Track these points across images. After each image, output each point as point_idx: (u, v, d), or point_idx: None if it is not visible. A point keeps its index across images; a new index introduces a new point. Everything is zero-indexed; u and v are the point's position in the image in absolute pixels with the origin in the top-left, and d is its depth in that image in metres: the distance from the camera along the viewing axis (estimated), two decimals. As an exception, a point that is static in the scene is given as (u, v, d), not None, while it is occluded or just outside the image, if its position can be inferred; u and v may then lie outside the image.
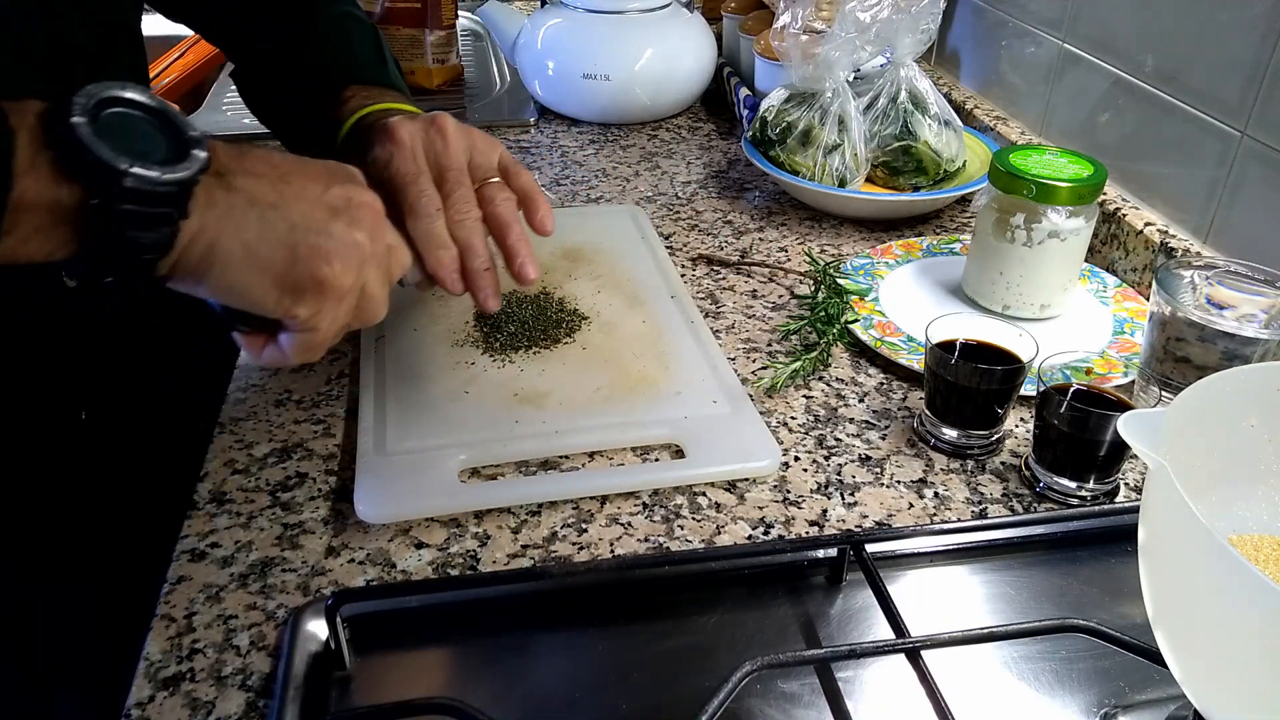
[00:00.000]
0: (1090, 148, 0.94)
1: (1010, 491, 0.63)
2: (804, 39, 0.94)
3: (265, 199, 0.46)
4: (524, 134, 1.19)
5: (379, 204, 0.52)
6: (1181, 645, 0.43)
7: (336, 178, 0.50)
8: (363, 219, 0.50)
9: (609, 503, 0.61)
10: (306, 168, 0.50)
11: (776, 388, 0.72)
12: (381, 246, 0.51)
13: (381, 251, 0.51)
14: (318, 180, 0.49)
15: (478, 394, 0.68)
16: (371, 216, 0.50)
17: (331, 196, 0.49)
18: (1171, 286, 0.64)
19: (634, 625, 0.53)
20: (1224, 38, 0.77)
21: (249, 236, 0.46)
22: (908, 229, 0.97)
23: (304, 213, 0.47)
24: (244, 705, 0.48)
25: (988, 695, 0.50)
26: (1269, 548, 0.49)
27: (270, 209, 0.46)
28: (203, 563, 0.56)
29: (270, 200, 0.46)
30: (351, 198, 0.50)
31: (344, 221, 0.49)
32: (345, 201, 0.49)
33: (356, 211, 0.50)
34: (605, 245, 0.88)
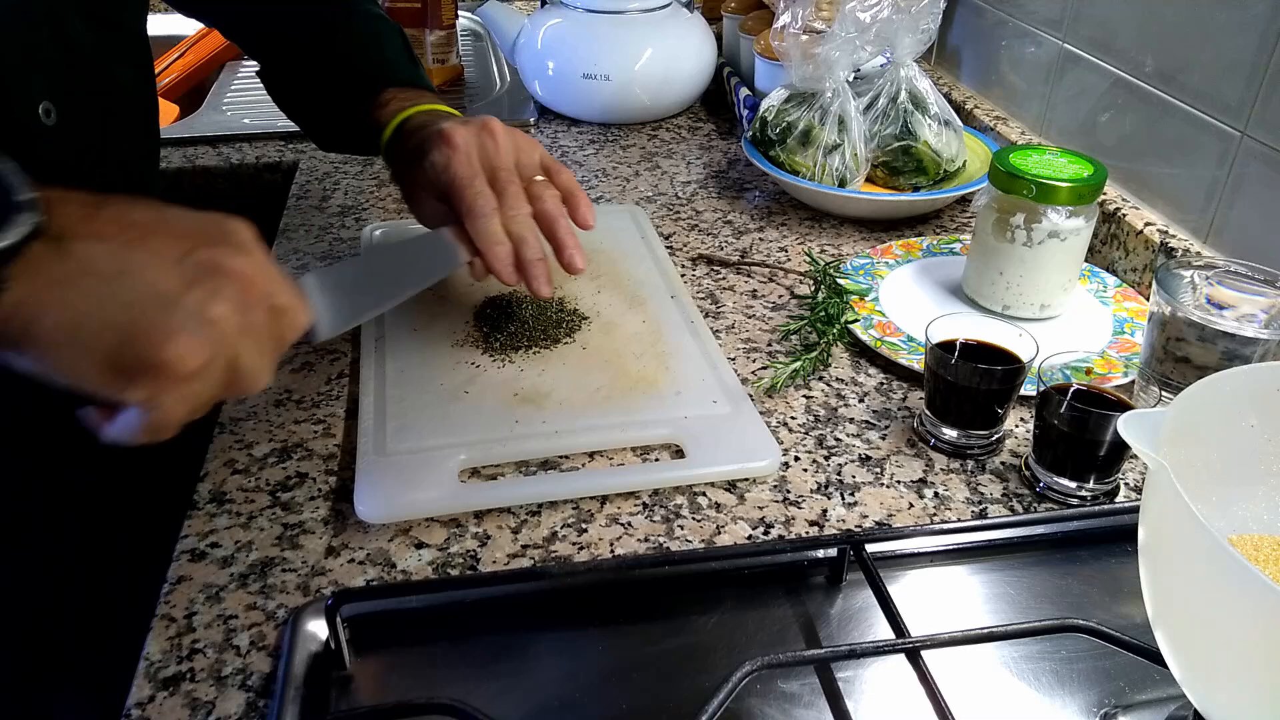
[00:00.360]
0: (1090, 148, 0.94)
1: (1010, 491, 0.63)
2: (804, 39, 0.94)
3: (105, 269, 0.41)
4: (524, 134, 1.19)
5: (255, 267, 0.45)
6: (1181, 645, 0.43)
7: (205, 239, 0.44)
8: (226, 289, 0.44)
9: (609, 503, 0.61)
10: (169, 227, 0.44)
11: (776, 388, 0.72)
12: (257, 316, 0.45)
13: (257, 321, 0.45)
14: (179, 242, 0.44)
15: (478, 394, 0.68)
16: (239, 285, 0.44)
17: (192, 263, 0.43)
18: (1171, 286, 0.64)
19: (634, 625, 0.53)
20: (1224, 38, 0.77)
21: (76, 313, 0.41)
22: (908, 229, 0.97)
23: (150, 284, 0.42)
24: (244, 705, 0.48)
25: (988, 695, 0.50)
26: (1269, 548, 0.49)
27: (109, 281, 0.41)
28: (203, 563, 0.56)
29: (110, 270, 0.41)
30: (219, 264, 0.44)
31: (202, 293, 0.43)
32: (209, 269, 0.43)
33: (220, 281, 0.43)
34: (605, 245, 0.88)
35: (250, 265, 0.45)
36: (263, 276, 0.46)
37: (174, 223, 0.45)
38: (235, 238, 0.46)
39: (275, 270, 0.47)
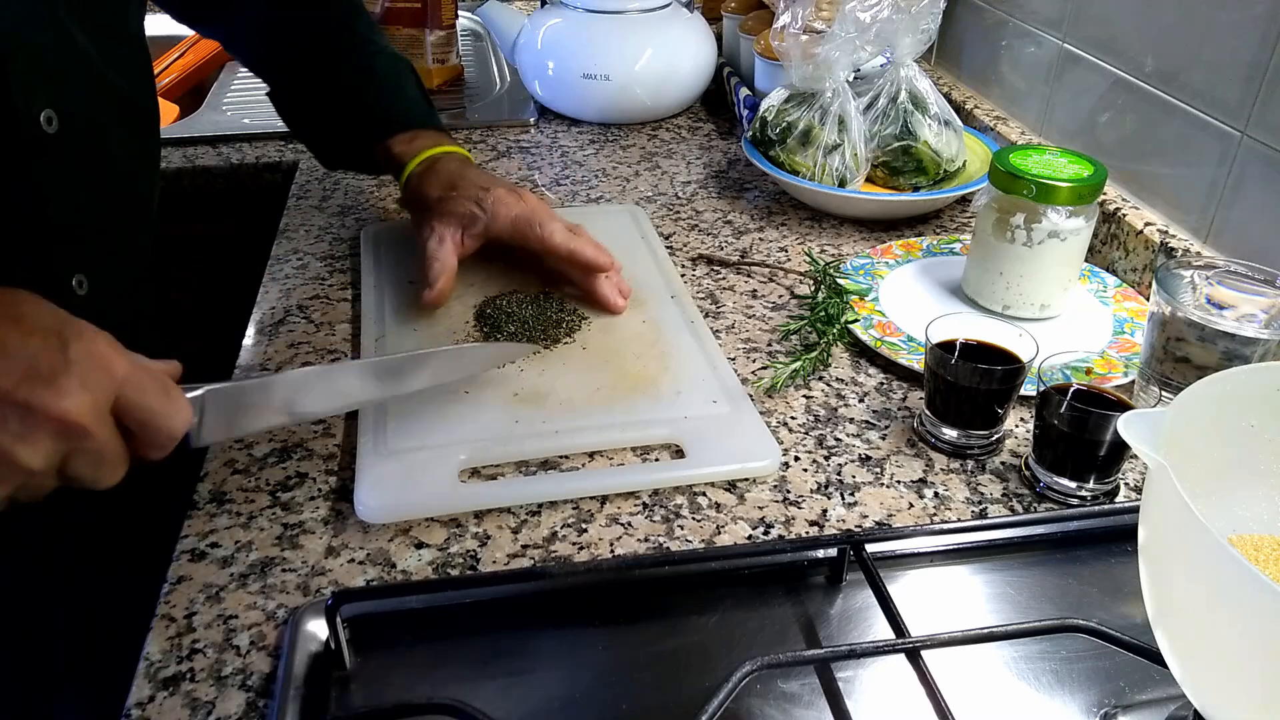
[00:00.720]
0: (1090, 148, 0.94)
1: (1010, 491, 0.63)
2: (804, 39, 0.94)
3: None
4: (524, 134, 1.19)
5: (81, 407, 0.44)
6: (1181, 645, 0.43)
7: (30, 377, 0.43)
8: (39, 432, 0.43)
9: (609, 503, 0.61)
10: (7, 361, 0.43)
11: (776, 388, 0.72)
12: (86, 445, 0.45)
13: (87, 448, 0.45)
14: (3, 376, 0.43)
15: (478, 394, 0.68)
16: (54, 427, 0.44)
17: (9, 403, 0.43)
18: (1171, 286, 0.64)
19: (634, 625, 0.53)
20: (1224, 38, 0.77)
21: None
22: (908, 229, 0.97)
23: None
24: (244, 705, 0.48)
25: (988, 695, 0.50)
26: (1269, 548, 0.49)
27: None
28: (203, 563, 0.56)
29: None
30: (33, 405, 0.43)
31: (10, 436, 0.43)
32: (23, 411, 0.43)
33: (34, 423, 0.43)
34: (605, 245, 0.88)
35: (76, 406, 0.44)
36: (90, 415, 0.44)
37: (8, 355, 0.43)
38: (72, 371, 0.44)
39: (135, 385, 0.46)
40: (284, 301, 0.83)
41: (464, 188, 0.78)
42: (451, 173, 0.80)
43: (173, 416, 0.48)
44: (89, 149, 0.64)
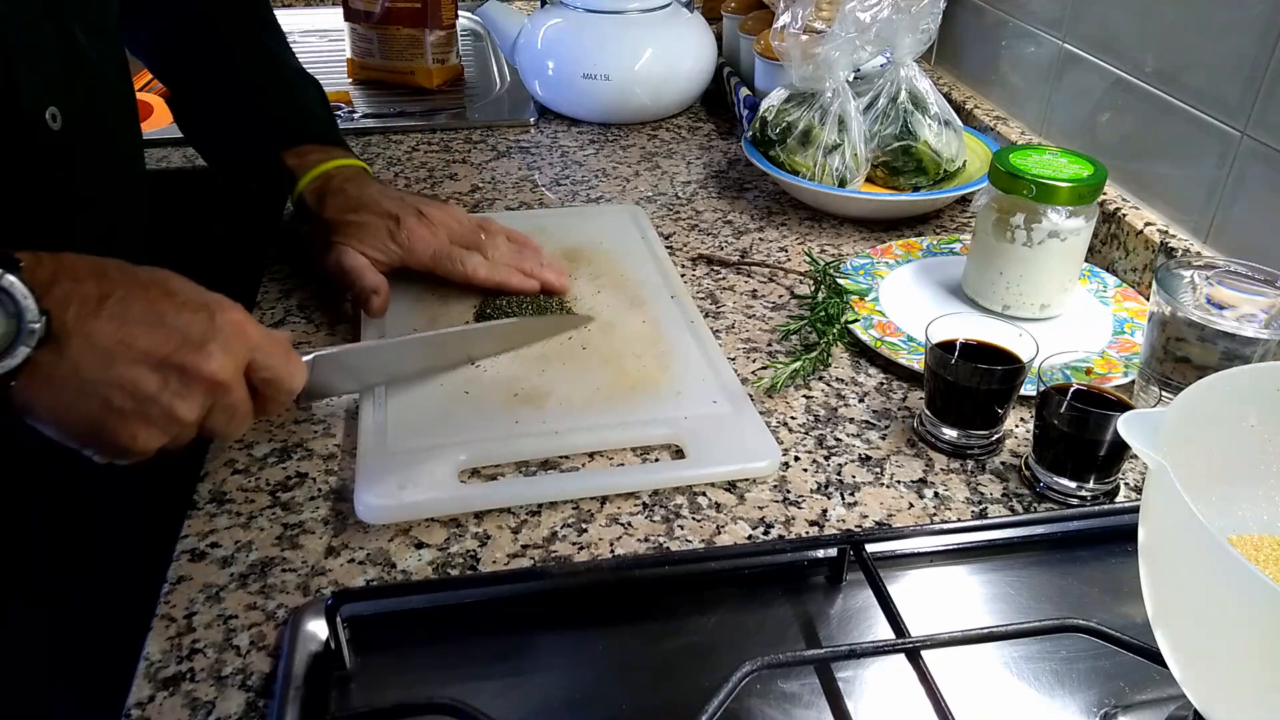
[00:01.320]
0: (1090, 148, 0.94)
1: (1010, 491, 0.63)
2: (804, 39, 0.94)
3: (90, 371, 0.48)
4: (524, 134, 1.19)
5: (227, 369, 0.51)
6: (1181, 645, 0.43)
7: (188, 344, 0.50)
8: (196, 392, 0.51)
9: (609, 503, 0.61)
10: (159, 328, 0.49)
11: (776, 388, 0.72)
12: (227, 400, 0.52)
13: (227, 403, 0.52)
14: (163, 345, 0.49)
15: (478, 394, 0.68)
16: (208, 386, 0.51)
17: (170, 365, 0.49)
18: (1171, 286, 0.64)
19: (634, 625, 0.53)
20: (1224, 38, 0.77)
21: (60, 406, 0.48)
22: (908, 229, 0.97)
23: (129, 383, 0.48)
24: (244, 705, 0.48)
25: (988, 695, 0.50)
26: (1269, 548, 0.49)
27: (92, 382, 0.48)
28: (203, 563, 0.56)
29: (95, 373, 0.48)
30: (193, 369, 0.50)
31: (170, 394, 0.50)
32: (183, 373, 0.50)
33: (191, 384, 0.50)
34: (605, 245, 0.88)
35: (222, 368, 0.51)
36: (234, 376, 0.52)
37: (165, 323, 0.50)
38: (219, 337, 0.51)
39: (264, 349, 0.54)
40: (284, 301, 0.83)
41: (370, 213, 0.76)
42: (349, 193, 0.77)
43: (293, 376, 0.56)
44: (91, 145, 0.65)
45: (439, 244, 0.76)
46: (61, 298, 0.47)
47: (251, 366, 0.53)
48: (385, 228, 0.75)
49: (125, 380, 0.48)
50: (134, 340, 0.48)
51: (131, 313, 0.49)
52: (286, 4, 1.64)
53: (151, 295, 0.50)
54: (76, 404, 0.48)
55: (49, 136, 0.60)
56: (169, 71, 0.88)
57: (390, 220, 0.75)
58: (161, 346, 0.49)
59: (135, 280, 0.50)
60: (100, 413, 0.49)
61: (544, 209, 1.00)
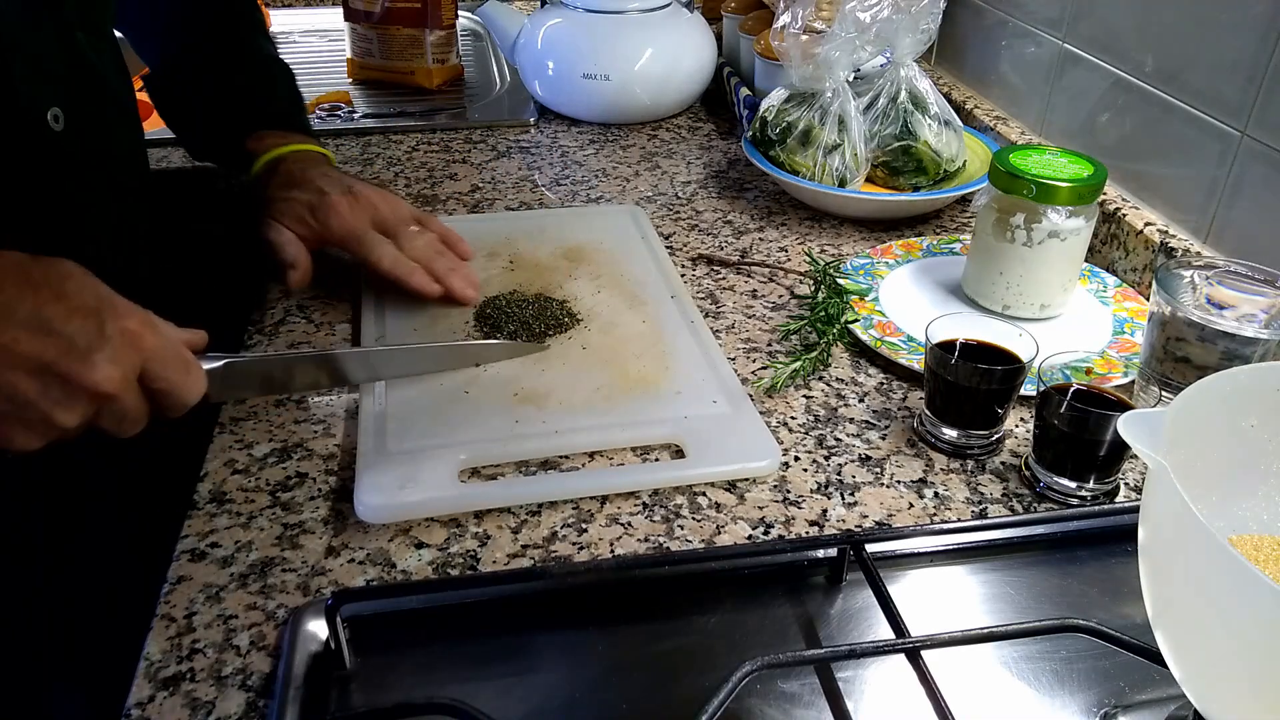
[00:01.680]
0: (1090, 148, 0.94)
1: (1010, 491, 0.63)
2: (804, 39, 0.94)
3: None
4: (524, 134, 1.19)
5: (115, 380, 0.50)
6: (1181, 645, 0.43)
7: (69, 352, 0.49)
8: (75, 400, 0.49)
9: (609, 503, 0.61)
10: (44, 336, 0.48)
11: (776, 388, 0.72)
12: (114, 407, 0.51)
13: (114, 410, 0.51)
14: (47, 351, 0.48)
15: (478, 394, 0.68)
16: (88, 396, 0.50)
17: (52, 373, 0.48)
18: (1171, 286, 0.64)
19: (634, 625, 0.53)
20: (1224, 38, 0.77)
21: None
22: (908, 229, 0.97)
23: (7, 385, 0.48)
24: (244, 705, 0.48)
25: (988, 695, 0.50)
26: (1269, 548, 0.49)
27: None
28: (203, 563, 0.56)
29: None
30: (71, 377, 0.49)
31: (49, 402, 0.49)
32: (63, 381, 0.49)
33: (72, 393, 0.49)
34: (605, 245, 0.88)
35: (107, 378, 0.49)
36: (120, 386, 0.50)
37: (53, 330, 0.48)
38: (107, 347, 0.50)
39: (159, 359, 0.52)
40: (284, 301, 0.83)
41: (301, 190, 0.75)
42: (293, 173, 0.77)
43: (188, 388, 0.55)
44: (93, 146, 0.65)
45: (355, 224, 0.74)
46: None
47: (144, 376, 0.52)
48: (308, 202, 0.74)
49: (3, 384, 0.48)
50: (15, 345, 0.47)
51: (17, 315, 0.48)
52: (286, 4, 1.64)
53: (42, 297, 0.49)
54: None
55: (51, 137, 0.61)
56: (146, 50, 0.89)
57: (317, 195, 0.75)
58: (44, 353, 0.48)
59: (28, 280, 0.49)
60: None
61: (544, 209, 1.00)
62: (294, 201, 0.75)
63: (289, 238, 0.74)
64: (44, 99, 0.60)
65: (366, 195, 0.76)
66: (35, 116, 0.60)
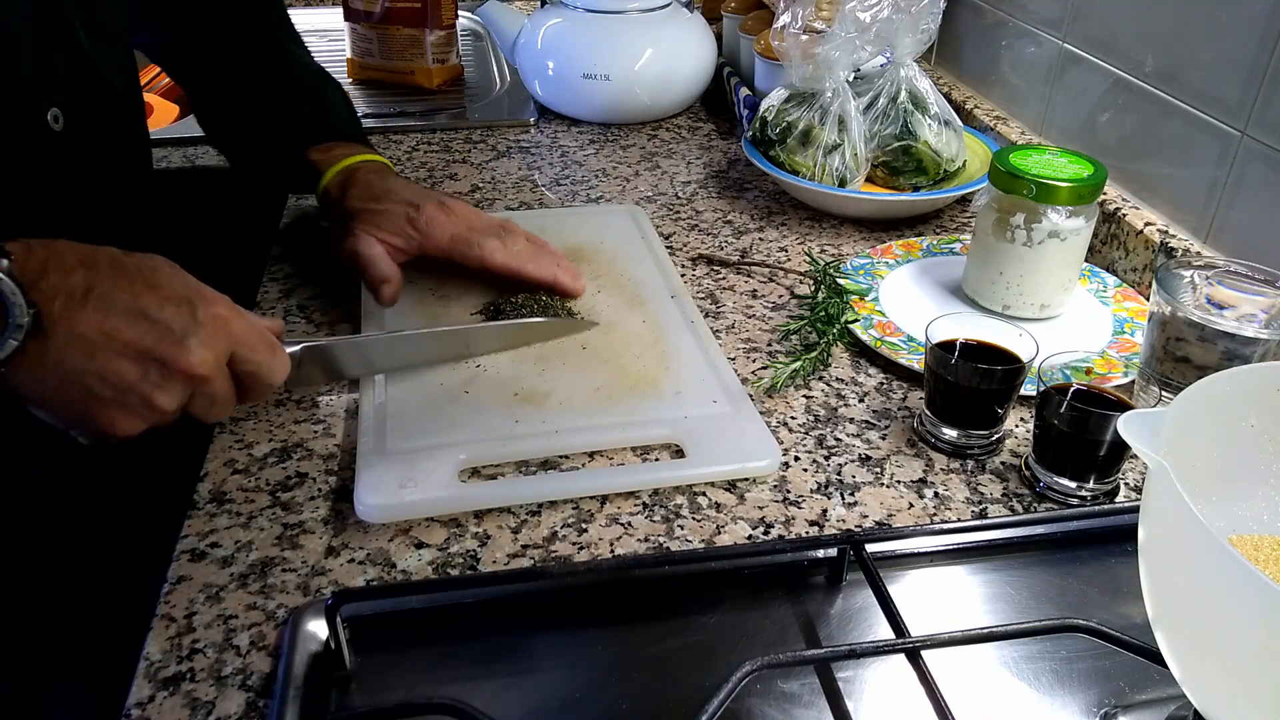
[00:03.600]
0: (1090, 148, 0.94)
1: (1010, 491, 0.63)
2: (804, 39, 0.94)
3: (73, 362, 0.49)
4: (524, 134, 1.19)
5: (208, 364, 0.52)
6: (1181, 645, 0.43)
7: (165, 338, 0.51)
8: (174, 382, 0.52)
9: (609, 503, 0.61)
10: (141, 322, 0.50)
11: (776, 388, 0.72)
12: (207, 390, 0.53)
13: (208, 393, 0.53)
14: (145, 338, 0.50)
15: (478, 394, 0.68)
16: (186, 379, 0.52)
17: (151, 358, 0.51)
18: (1171, 286, 0.64)
19: (634, 625, 0.53)
20: (1224, 38, 0.77)
21: (46, 392, 0.50)
22: (908, 229, 0.97)
23: (110, 373, 0.50)
24: (244, 705, 0.48)
25: (988, 695, 0.50)
26: (1269, 548, 0.49)
27: (75, 372, 0.49)
28: (203, 563, 0.56)
29: (78, 364, 0.49)
30: (173, 362, 0.51)
31: (149, 385, 0.51)
32: (161, 365, 0.51)
33: (171, 377, 0.52)
34: (605, 245, 0.88)
35: (202, 362, 0.52)
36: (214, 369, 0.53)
37: (148, 317, 0.51)
38: (200, 333, 0.52)
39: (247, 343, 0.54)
40: (284, 301, 0.83)
41: (391, 201, 0.76)
42: (373, 184, 0.77)
43: (274, 370, 0.57)
44: (94, 147, 0.65)
45: (457, 229, 0.76)
46: (49, 290, 0.48)
47: (233, 359, 0.54)
48: (405, 214, 0.75)
49: (107, 371, 0.50)
50: (117, 333, 0.50)
51: (116, 305, 0.50)
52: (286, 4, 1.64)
53: (137, 288, 0.51)
54: (60, 391, 0.50)
55: (50, 137, 0.61)
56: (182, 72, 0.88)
57: (410, 207, 0.75)
58: (143, 339, 0.50)
59: (123, 272, 0.51)
60: (83, 400, 0.50)
61: (544, 209, 1.00)
62: (387, 214, 0.75)
63: (379, 252, 0.74)
64: (44, 99, 0.60)
65: (454, 204, 0.77)
66: (35, 116, 0.60)
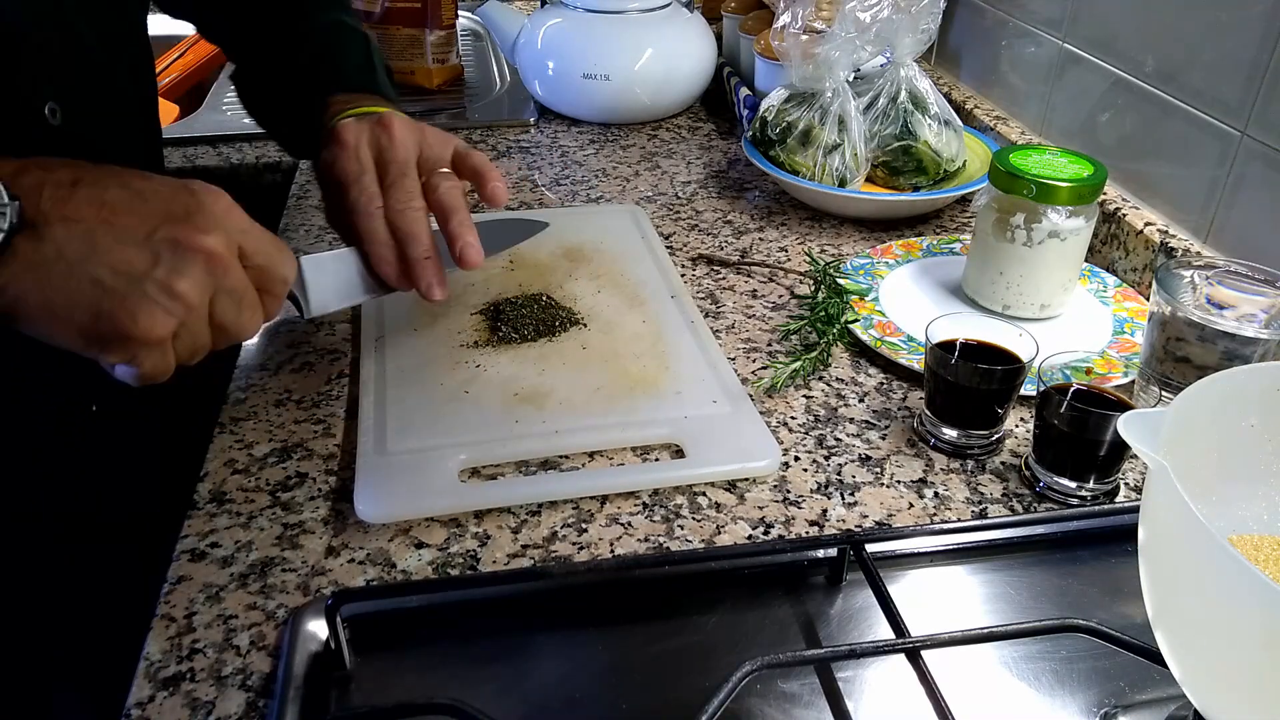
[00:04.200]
0: (1090, 148, 0.94)
1: (1010, 491, 0.63)
2: (804, 39, 0.94)
3: (76, 253, 0.45)
4: (524, 134, 1.19)
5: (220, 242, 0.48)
6: (1181, 645, 0.43)
7: (172, 218, 0.47)
8: (191, 265, 0.47)
9: (609, 503, 0.61)
10: (141, 205, 0.47)
11: (776, 388, 0.72)
12: (230, 280, 0.49)
13: (231, 284, 0.50)
14: (147, 221, 0.47)
15: (478, 394, 0.68)
16: (203, 259, 0.48)
17: (159, 240, 0.47)
18: (1171, 286, 0.64)
19: (634, 625, 0.53)
20: (1224, 38, 0.77)
21: (52, 294, 0.45)
22: (908, 229, 0.97)
23: (118, 263, 0.46)
24: (244, 705, 0.48)
25: (988, 695, 0.50)
26: (1269, 548, 0.49)
27: (80, 263, 0.45)
28: (203, 563, 0.56)
29: (81, 254, 0.45)
30: (183, 241, 0.47)
31: (165, 269, 0.46)
32: (174, 247, 0.47)
33: (185, 257, 0.47)
34: (605, 245, 0.88)
35: (216, 241, 0.48)
36: (228, 251, 0.49)
37: (147, 200, 0.47)
38: (205, 212, 0.48)
39: (253, 235, 0.51)
40: (284, 301, 0.83)
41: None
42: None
43: (285, 263, 0.53)
44: (92, 142, 0.65)
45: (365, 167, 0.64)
46: (32, 185, 0.45)
47: (242, 253, 0.50)
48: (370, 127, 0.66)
49: (114, 259, 0.45)
50: (115, 218, 0.46)
51: (109, 190, 0.47)
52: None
53: (126, 178, 0.48)
54: (67, 290, 0.45)
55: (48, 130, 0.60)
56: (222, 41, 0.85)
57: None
58: (146, 222, 0.46)
59: (109, 170, 0.48)
60: (94, 296, 0.45)
61: (544, 209, 1.00)
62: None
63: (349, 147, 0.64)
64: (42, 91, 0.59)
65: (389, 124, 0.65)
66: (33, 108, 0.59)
